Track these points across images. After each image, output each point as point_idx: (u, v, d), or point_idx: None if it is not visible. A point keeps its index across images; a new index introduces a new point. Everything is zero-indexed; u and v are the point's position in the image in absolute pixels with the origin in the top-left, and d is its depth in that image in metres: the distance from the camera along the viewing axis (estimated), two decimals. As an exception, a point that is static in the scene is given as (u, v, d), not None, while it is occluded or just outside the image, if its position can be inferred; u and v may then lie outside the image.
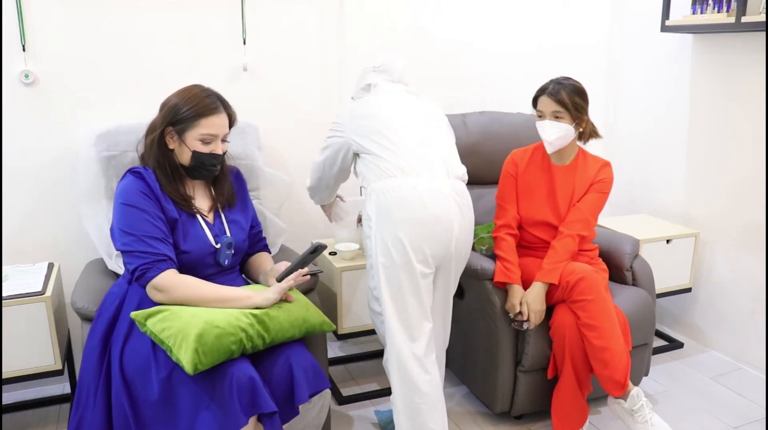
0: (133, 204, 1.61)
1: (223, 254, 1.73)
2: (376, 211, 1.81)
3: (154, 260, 1.57)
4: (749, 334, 2.64)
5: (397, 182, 1.79)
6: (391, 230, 1.78)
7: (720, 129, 2.67)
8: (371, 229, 1.83)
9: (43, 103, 2.18)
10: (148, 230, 1.60)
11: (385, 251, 1.78)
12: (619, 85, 3.16)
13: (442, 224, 1.80)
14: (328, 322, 1.78)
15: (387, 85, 2.00)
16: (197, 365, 1.45)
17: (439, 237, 1.80)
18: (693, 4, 2.57)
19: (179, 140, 1.67)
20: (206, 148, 1.68)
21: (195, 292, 1.60)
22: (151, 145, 1.69)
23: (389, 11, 2.62)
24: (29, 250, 2.25)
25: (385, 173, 1.81)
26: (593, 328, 1.95)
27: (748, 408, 2.36)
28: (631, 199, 3.15)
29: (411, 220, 1.77)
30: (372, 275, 1.87)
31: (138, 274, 1.57)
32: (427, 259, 1.80)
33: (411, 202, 1.77)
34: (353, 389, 2.47)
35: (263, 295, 1.65)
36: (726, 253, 2.71)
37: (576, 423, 2.03)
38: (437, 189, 1.81)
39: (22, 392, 2.38)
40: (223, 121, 1.71)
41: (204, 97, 1.68)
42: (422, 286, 1.80)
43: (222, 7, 2.35)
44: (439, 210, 1.79)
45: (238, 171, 1.92)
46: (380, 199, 1.80)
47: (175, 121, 1.66)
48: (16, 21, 2.08)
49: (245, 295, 1.64)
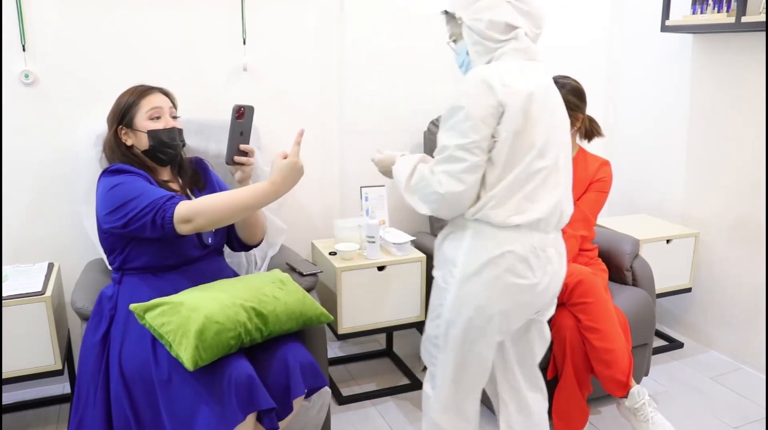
0: (120, 182, 1.62)
1: (205, 233, 1.76)
2: (467, 266, 1.51)
3: (164, 202, 1.56)
4: (749, 334, 2.64)
5: (517, 237, 1.48)
6: (485, 303, 1.51)
7: (720, 129, 2.67)
8: (452, 280, 1.54)
9: (43, 103, 2.18)
10: (145, 187, 1.61)
11: (468, 322, 1.53)
12: (619, 86, 3.16)
13: (546, 297, 1.59)
14: (326, 313, 1.78)
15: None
16: (197, 361, 1.45)
17: (534, 308, 1.60)
18: (693, 4, 2.57)
19: (132, 131, 1.73)
20: (158, 125, 1.72)
21: (218, 204, 1.56)
22: (110, 150, 1.74)
23: (390, 11, 2.62)
24: (29, 250, 2.24)
25: (505, 211, 1.46)
26: (595, 330, 1.95)
27: (748, 408, 2.36)
28: (631, 199, 3.15)
29: (520, 302, 1.53)
30: (437, 325, 1.61)
31: (158, 222, 1.54)
32: (510, 330, 1.60)
33: (530, 281, 1.50)
34: (353, 389, 2.47)
35: (279, 181, 1.57)
36: (726, 253, 2.71)
37: (576, 424, 2.03)
38: (560, 253, 1.57)
39: (22, 392, 2.38)
40: (163, 98, 1.77)
41: (136, 86, 1.77)
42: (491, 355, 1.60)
43: (222, 7, 2.35)
44: (548, 281, 1.54)
45: (200, 159, 1.96)
46: (482, 256, 1.49)
47: (120, 117, 1.73)
48: (16, 21, 2.08)
49: (264, 191, 1.57)
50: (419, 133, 2.73)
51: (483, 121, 1.41)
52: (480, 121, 1.41)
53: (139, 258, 1.70)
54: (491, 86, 1.41)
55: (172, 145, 1.75)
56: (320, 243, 2.49)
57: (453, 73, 2.78)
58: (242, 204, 1.57)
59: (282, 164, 1.58)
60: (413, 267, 2.32)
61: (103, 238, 1.73)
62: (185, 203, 1.56)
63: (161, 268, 1.72)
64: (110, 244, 1.72)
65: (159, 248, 1.69)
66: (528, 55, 1.49)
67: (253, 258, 2.21)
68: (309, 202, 2.65)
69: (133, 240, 1.68)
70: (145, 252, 1.69)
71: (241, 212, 1.59)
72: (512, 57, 1.47)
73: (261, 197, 1.58)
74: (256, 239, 1.94)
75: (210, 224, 1.56)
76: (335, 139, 2.63)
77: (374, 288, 2.28)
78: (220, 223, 1.59)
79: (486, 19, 1.46)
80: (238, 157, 1.73)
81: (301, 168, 1.60)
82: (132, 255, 1.70)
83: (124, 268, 1.72)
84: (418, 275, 2.34)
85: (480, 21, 1.46)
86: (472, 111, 1.41)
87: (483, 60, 1.50)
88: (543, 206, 1.47)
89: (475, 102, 1.41)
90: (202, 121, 2.22)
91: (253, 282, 1.70)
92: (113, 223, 1.62)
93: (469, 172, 1.42)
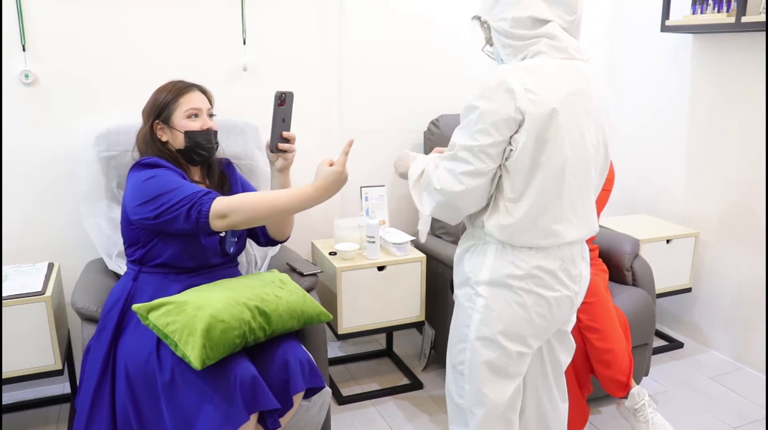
0: (155, 174, 1.62)
1: (229, 241, 1.77)
2: (495, 282, 1.43)
3: (201, 196, 1.55)
4: (749, 334, 2.64)
5: (547, 254, 1.41)
6: (518, 320, 1.43)
7: (720, 129, 2.67)
8: (478, 299, 1.45)
9: (43, 103, 2.17)
10: (181, 181, 1.61)
11: (499, 343, 1.45)
12: (619, 85, 3.16)
13: (575, 307, 1.53)
14: (326, 312, 1.79)
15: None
16: (205, 360, 1.45)
17: (565, 319, 1.53)
18: (693, 4, 2.57)
19: (168, 128, 1.74)
20: (195, 124, 1.73)
21: (256, 203, 1.53)
22: (145, 144, 1.75)
23: (390, 11, 2.62)
24: (29, 250, 2.24)
25: (531, 236, 1.39)
26: (595, 330, 1.95)
27: (748, 408, 2.36)
28: (631, 199, 3.15)
29: (553, 315, 1.46)
30: (461, 349, 1.50)
31: (194, 216, 1.53)
32: (532, 346, 1.50)
33: (561, 293, 1.44)
34: (353, 389, 2.47)
35: (322, 188, 1.54)
36: (726, 253, 2.71)
37: (577, 424, 2.03)
38: (585, 259, 1.50)
39: (22, 392, 2.38)
40: (202, 97, 1.79)
41: (176, 82, 1.79)
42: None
43: (222, 7, 2.35)
44: (578, 290, 1.49)
45: (229, 161, 1.98)
46: (511, 270, 1.41)
47: (158, 112, 1.74)
48: (16, 21, 2.08)
49: (305, 195, 1.54)
50: (419, 133, 2.73)
51: (494, 127, 1.31)
52: (491, 126, 1.31)
53: (160, 255, 1.69)
54: (511, 89, 1.29)
55: (207, 147, 1.76)
56: (320, 243, 2.49)
57: (453, 73, 2.80)
58: (281, 206, 1.55)
59: (328, 172, 1.54)
60: (413, 267, 2.32)
61: (128, 229, 1.72)
62: (222, 199, 1.55)
63: (180, 269, 1.72)
64: (134, 236, 1.70)
65: (182, 249, 1.69)
66: (567, 53, 1.37)
67: (253, 258, 2.21)
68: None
69: (160, 235, 1.67)
70: (168, 250, 1.68)
71: (278, 214, 1.56)
72: (548, 56, 1.35)
73: (302, 202, 1.55)
74: (285, 235, 1.92)
75: (246, 221, 1.54)
76: (335, 139, 2.63)
77: (374, 288, 2.28)
78: (255, 222, 1.56)
79: (509, 18, 1.36)
80: (282, 144, 1.73)
81: (346, 177, 1.56)
82: (154, 251, 1.69)
83: (142, 262, 1.72)
84: (418, 275, 2.34)
85: (504, 20, 1.37)
86: (485, 114, 1.31)
87: (515, 61, 1.39)
88: (571, 231, 1.39)
89: (489, 105, 1.31)
90: (203, 121, 2.22)
91: (254, 281, 1.70)
92: (145, 214, 1.60)
93: (470, 175, 1.34)
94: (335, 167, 1.54)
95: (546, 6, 1.35)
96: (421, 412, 2.32)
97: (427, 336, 2.56)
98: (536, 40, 1.35)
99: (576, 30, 1.42)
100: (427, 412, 2.32)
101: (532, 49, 1.36)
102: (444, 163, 1.41)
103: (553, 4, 1.36)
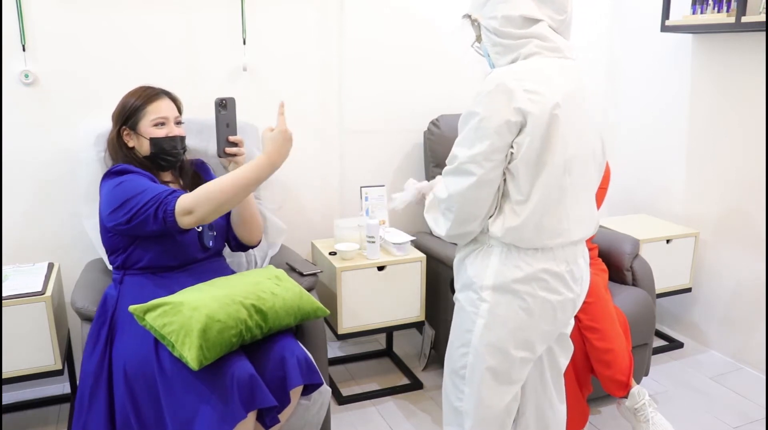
0: (124, 180, 1.66)
1: (207, 235, 1.79)
2: (499, 285, 1.41)
3: (166, 196, 1.58)
4: (749, 334, 2.64)
5: (553, 255, 1.40)
6: (522, 325, 1.42)
7: (720, 129, 2.67)
8: (482, 304, 1.44)
9: (43, 103, 2.17)
10: (148, 183, 1.64)
11: (502, 348, 1.44)
12: (619, 85, 3.15)
13: (577, 309, 1.53)
14: (322, 307, 1.79)
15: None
16: (202, 360, 1.45)
17: (567, 321, 1.54)
18: (693, 4, 2.57)
19: (135, 134, 1.77)
20: (161, 132, 1.76)
21: (218, 188, 1.55)
22: (114, 150, 1.79)
23: (390, 11, 2.62)
24: (29, 250, 2.24)
25: (536, 238, 1.38)
26: (595, 330, 1.95)
27: (748, 408, 2.36)
28: (631, 199, 3.15)
29: (558, 318, 1.46)
30: (463, 353, 1.49)
31: (160, 216, 1.56)
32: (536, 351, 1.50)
33: (565, 296, 1.44)
34: (353, 389, 2.47)
35: (273, 152, 1.58)
36: (726, 253, 2.71)
37: (577, 424, 2.03)
38: (586, 260, 1.51)
39: (22, 392, 2.38)
40: (170, 105, 1.80)
41: (145, 88, 1.80)
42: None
43: (222, 7, 2.35)
44: (580, 291, 1.49)
45: (202, 161, 2.00)
46: (515, 274, 1.40)
47: (125, 118, 1.76)
48: (16, 21, 2.08)
49: (260, 165, 1.57)
50: (419, 133, 2.73)
51: (497, 131, 1.29)
52: (493, 131, 1.29)
53: (141, 259, 1.71)
54: (510, 90, 1.28)
55: (174, 153, 1.78)
56: (320, 243, 2.49)
57: (453, 73, 2.79)
58: (241, 182, 1.56)
59: (272, 135, 1.60)
60: (413, 267, 2.32)
61: (106, 237, 1.74)
62: (187, 195, 1.58)
63: (163, 268, 1.73)
64: (113, 243, 1.73)
65: (162, 250, 1.70)
66: (559, 53, 1.36)
67: (253, 258, 2.21)
68: (309, 202, 2.65)
69: (137, 239, 1.69)
70: (148, 252, 1.71)
71: (241, 191, 1.57)
72: (542, 56, 1.35)
73: (258, 171, 1.57)
74: (254, 240, 1.94)
75: (213, 210, 1.56)
76: (335, 139, 2.63)
77: (374, 288, 2.28)
78: (221, 208, 1.57)
79: (500, 16, 1.35)
80: (229, 148, 1.79)
81: (290, 136, 1.60)
82: (135, 255, 1.71)
83: (125, 267, 1.73)
84: (418, 275, 2.34)
85: (494, 19, 1.37)
86: (485, 118, 1.29)
87: (506, 61, 1.38)
88: (577, 229, 1.39)
89: (490, 108, 1.29)
90: (202, 121, 2.22)
91: (250, 279, 1.71)
92: (117, 219, 1.63)
93: (475, 187, 1.33)
94: (277, 128, 1.60)
95: (536, 5, 1.35)
96: (421, 412, 2.32)
97: (427, 336, 2.56)
98: (527, 41, 1.35)
99: (566, 30, 1.41)
100: (427, 412, 2.32)
101: (524, 51, 1.35)
102: (448, 178, 1.39)
103: (543, 4, 1.35)
